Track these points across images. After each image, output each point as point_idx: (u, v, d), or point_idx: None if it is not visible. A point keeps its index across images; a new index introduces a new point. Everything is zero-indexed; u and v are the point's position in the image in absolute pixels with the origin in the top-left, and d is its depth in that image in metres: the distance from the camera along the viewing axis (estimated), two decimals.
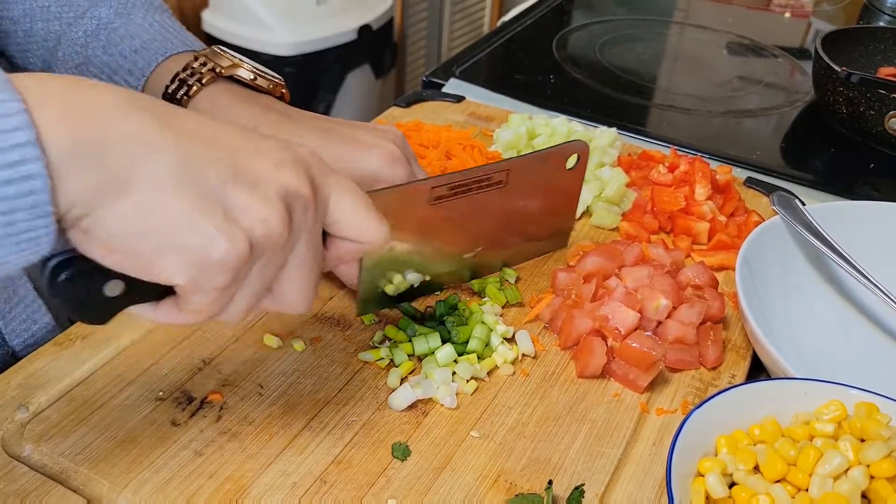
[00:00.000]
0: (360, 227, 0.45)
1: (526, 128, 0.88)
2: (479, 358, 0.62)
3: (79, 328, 0.63)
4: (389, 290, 0.64)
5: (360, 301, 0.64)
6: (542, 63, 1.21)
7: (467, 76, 1.12)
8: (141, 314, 0.43)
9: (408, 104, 1.00)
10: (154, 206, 0.36)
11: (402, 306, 0.66)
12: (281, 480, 0.52)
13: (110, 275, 0.39)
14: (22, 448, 0.53)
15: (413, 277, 0.65)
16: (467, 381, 0.60)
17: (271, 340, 0.62)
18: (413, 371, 0.61)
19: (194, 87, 0.62)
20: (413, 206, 0.60)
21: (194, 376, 0.59)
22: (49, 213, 0.34)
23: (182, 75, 0.63)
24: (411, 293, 0.66)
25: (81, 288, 0.40)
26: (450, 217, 0.63)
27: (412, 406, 0.58)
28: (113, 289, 0.40)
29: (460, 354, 0.61)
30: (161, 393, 0.57)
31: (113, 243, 0.37)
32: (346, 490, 0.52)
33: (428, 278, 0.66)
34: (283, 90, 0.66)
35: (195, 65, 0.63)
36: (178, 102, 0.62)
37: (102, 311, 0.41)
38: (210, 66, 0.63)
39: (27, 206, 0.33)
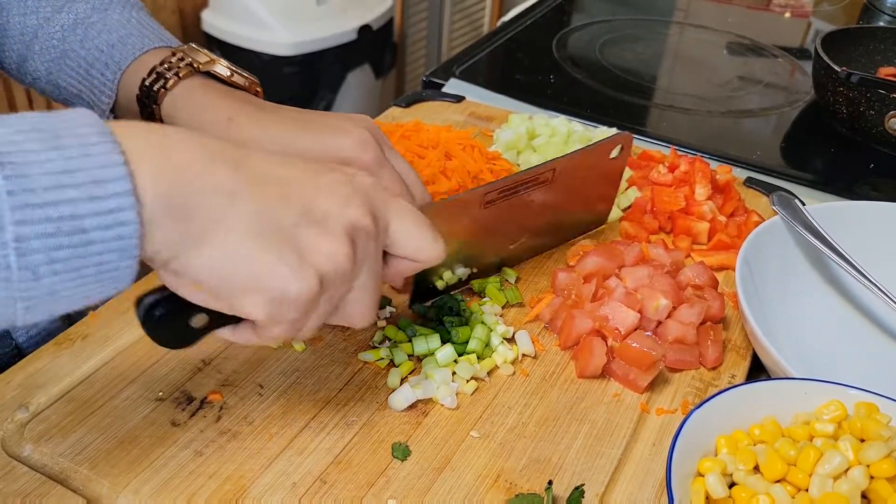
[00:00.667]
0: (417, 247, 0.49)
1: (526, 128, 0.88)
2: (478, 358, 0.62)
3: (79, 328, 0.63)
4: (440, 284, 0.67)
5: (412, 296, 0.66)
6: (542, 63, 1.21)
7: (467, 76, 1.12)
8: (221, 335, 0.47)
9: (408, 104, 1.00)
10: (235, 251, 0.40)
11: (415, 308, 0.67)
12: (281, 480, 0.52)
13: (196, 309, 0.44)
14: (22, 448, 0.53)
15: (462, 272, 0.68)
16: (467, 381, 0.60)
17: None
18: (413, 371, 0.61)
19: (171, 80, 0.63)
20: (466, 212, 0.63)
21: (194, 376, 0.59)
22: (134, 256, 0.38)
23: (159, 69, 0.64)
24: (458, 284, 0.69)
25: (172, 323, 0.45)
26: (498, 216, 0.66)
27: (412, 406, 0.58)
28: (198, 321, 0.45)
29: (460, 354, 0.61)
30: (161, 393, 0.57)
31: (200, 284, 0.41)
32: (346, 490, 0.52)
33: (475, 270, 0.69)
34: (258, 89, 0.67)
35: (172, 59, 0.64)
36: (155, 95, 0.63)
37: (188, 339, 0.46)
38: (188, 61, 0.64)
39: (116, 249, 0.37)
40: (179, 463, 0.52)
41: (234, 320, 0.46)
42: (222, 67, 0.65)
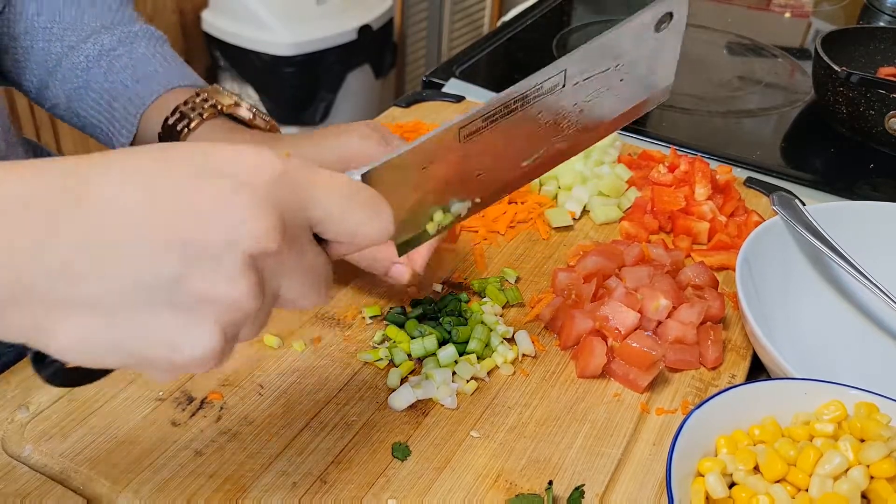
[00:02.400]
0: (350, 231, 0.39)
1: None
2: (478, 358, 0.62)
3: None
4: (431, 228, 0.53)
5: (398, 245, 0.52)
6: (542, 63, 1.20)
7: (467, 76, 1.12)
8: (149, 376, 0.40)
9: (408, 104, 1.00)
10: (96, 337, 0.33)
11: (389, 315, 0.65)
12: (281, 480, 0.52)
13: None
14: (22, 448, 0.53)
15: (458, 207, 0.54)
16: (467, 381, 0.60)
17: (271, 340, 0.62)
18: (413, 371, 0.61)
19: (195, 121, 0.63)
20: (435, 157, 0.51)
21: (194, 376, 0.59)
22: None
23: (183, 108, 0.64)
24: (457, 220, 0.55)
25: (76, 374, 0.38)
26: (495, 140, 0.54)
27: (412, 406, 0.58)
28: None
29: (461, 354, 0.61)
30: (161, 393, 0.57)
31: (84, 361, 0.34)
32: (346, 490, 0.52)
33: (478, 200, 0.55)
34: (279, 131, 0.68)
35: (196, 100, 0.64)
36: (178, 134, 0.63)
37: (100, 376, 0.40)
38: (212, 102, 0.65)
39: None
40: (179, 463, 0.52)
41: None
42: (245, 111, 0.65)
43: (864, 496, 0.48)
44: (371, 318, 0.65)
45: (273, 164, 0.35)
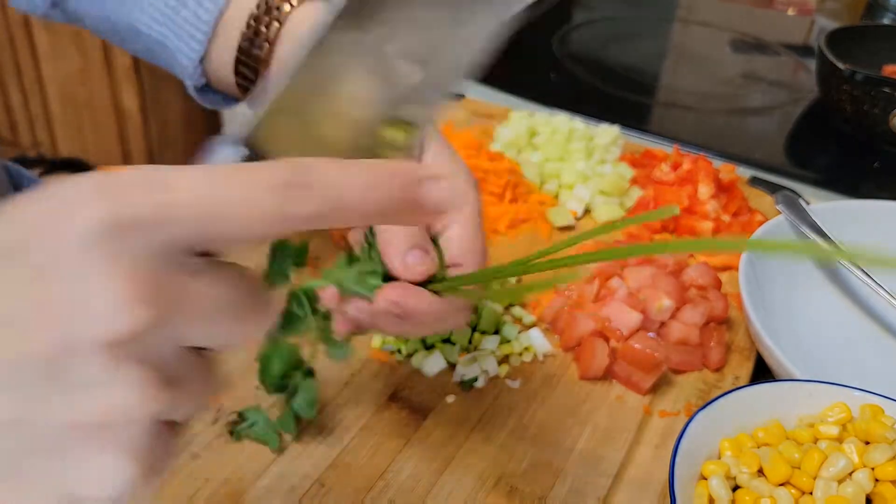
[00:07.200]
0: (231, 231, 0.24)
1: (527, 125, 0.87)
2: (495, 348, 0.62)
3: None
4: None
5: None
6: (544, 60, 1.20)
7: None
8: None
9: None
10: None
11: None
12: (279, 484, 0.51)
13: None
14: None
15: (414, 113, 0.39)
16: (499, 361, 0.61)
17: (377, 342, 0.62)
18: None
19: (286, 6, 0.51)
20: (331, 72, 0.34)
21: None
22: None
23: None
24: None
25: None
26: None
27: (413, 408, 0.57)
28: None
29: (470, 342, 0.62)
30: None
31: None
32: (345, 493, 0.51)
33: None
34: None
35: None
36: (265, 32, 0.51)
37: None
38: None
39: None
40: (176, 465, 0.52)
41: None
42: None
43: (868, 499, 0.47)
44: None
45: (96, 204, 0.22)
